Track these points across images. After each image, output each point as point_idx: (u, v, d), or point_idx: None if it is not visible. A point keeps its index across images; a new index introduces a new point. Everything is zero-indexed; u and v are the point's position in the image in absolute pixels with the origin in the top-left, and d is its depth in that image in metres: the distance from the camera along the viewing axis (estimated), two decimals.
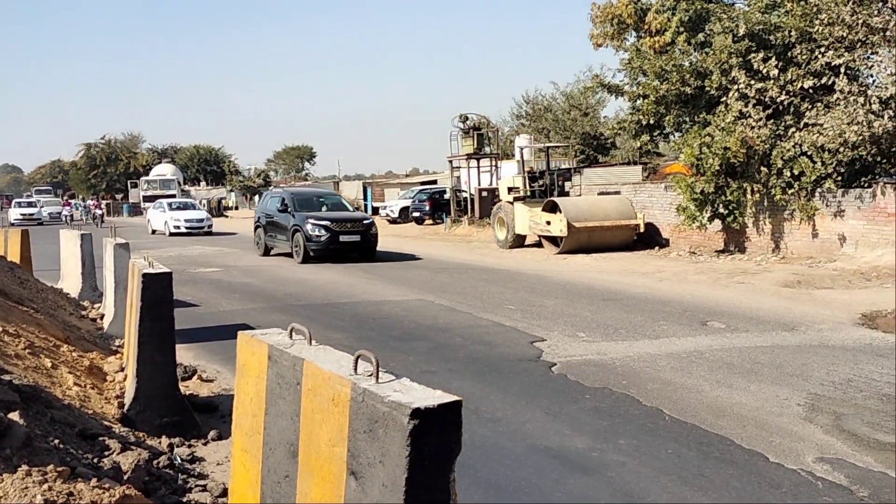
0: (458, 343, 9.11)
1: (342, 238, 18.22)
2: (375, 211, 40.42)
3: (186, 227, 32.32)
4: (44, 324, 8.25)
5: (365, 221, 19.21)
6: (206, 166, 71.06)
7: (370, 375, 2.54)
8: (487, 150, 29.95)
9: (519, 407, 6.55)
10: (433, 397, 2.29)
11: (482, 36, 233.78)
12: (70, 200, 56.73)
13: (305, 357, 2.85)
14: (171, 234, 31.80)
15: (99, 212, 44.28)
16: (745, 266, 15.95)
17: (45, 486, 3.15)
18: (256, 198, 53.06)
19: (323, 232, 18.11)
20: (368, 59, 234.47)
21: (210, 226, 33.22)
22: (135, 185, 55.77)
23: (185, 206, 35.49)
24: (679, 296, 12.60)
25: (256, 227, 21.44)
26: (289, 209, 19.28)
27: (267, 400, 3.07)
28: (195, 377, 7.54)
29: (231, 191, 59.50)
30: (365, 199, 44.79)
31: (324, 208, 19.81)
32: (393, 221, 34.32)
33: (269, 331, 3.43)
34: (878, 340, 8.90)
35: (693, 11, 19.52)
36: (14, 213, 46.00)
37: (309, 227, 18.18)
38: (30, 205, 50.23)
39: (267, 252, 20.60)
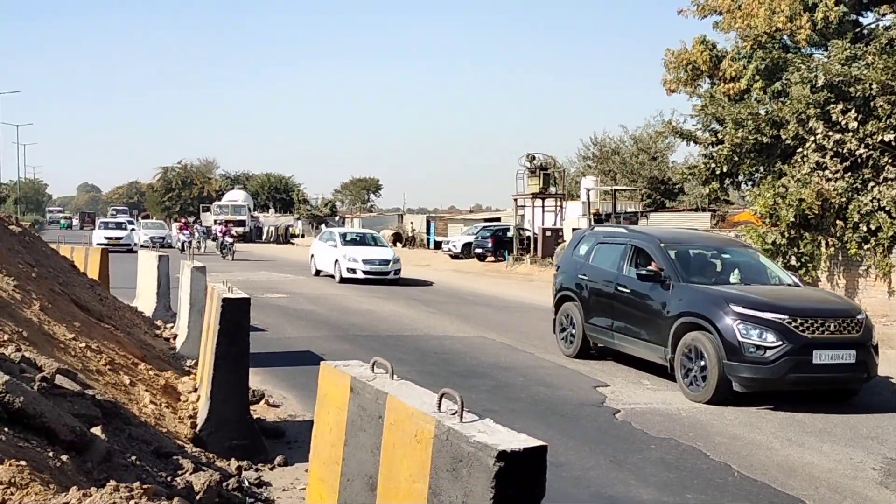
0: (519, 383, 9.07)
1: (818, 358, 7.93)
2: (438, 245, 40.64)
3: (365, 273, 21.39)
4: (122, 341, 8.55)
5: (858, 317, 8.34)
6: (276, 194, 72.83)
7: (454, 414, 2.57)
8: (553, 189, 29.93)
9: (583, 453, 6.47)
10: (518, 440, 2.31)
11: (552, 76, 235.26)
12: (187, 222, 41.97)
13: (389, 391, 2.90)
14: (343, 281, 21.52)
15: (229, 239, 32.38)
16: None
17: (132, 503, 3.26)
18: (323, 226, 54.18)
19: (776, 342, 7.90)
20: (437, 93, 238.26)
21: (398, 270, 22.13)
22: (207, 209, 57.44)
23: (362, 240, 23.52)
24: None
25: (561, 294, 11.05)
26: (661, 274, 9.15)
27: (347, 431, 3.12)
28: (262, 402, 7.66)
29: (298, 219, 60.76)
30: (428, 232, 45.11)
31: (732, 277, 9.39)
32: (455, 257, 34.45)
33: (351, 363, 3.50)
34: None
35: (770, 60, 19.27)
36: (98, 236, 35.79)
37: (742, 329, 8.03)
38: (118, 226, 40.07)
39: (587, 350, 10.65)
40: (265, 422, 6.95)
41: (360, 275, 21.53)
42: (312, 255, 24.76)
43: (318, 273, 23.90)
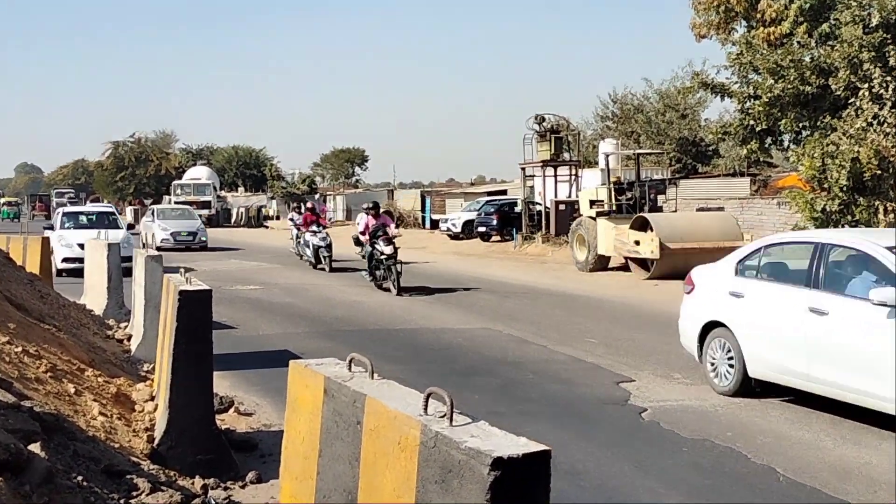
0: (530, 380, 9.10)
1: None
2: (435, 224, 40.59)
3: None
4: (66, 344, 8.55)
5: None
6: (246, 170, 72.73)
7: (443, 417, 2.56)
8: (566, 156, 29.86)
9: (603, 459, 6.49)
10: (517, 445, 2.30)
11: (564, 23, 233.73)
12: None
13: (368, 393, 2.89)
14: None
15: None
16: None
17: None
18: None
19: None
20: (430, 48, 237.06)
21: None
22: (167, 191, 57.41)
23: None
24: None
25: None
26: None
27: (322, 440, 3.11)
28: (232, 410, 7.68)
29: (272, 198, 60.73)
30: (423, 210, 45.06)
31: None
32: (455, 237, 34.41)
33: (325, 361, 3.49)
34: None
35: None
36: (62, 249, 20.52)
37: None
38: (95, 222, 22.70)
39: None
40: (235, 433, 6.97)
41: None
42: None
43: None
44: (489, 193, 44.26)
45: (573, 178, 28.92)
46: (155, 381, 7.84)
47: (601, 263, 21.79)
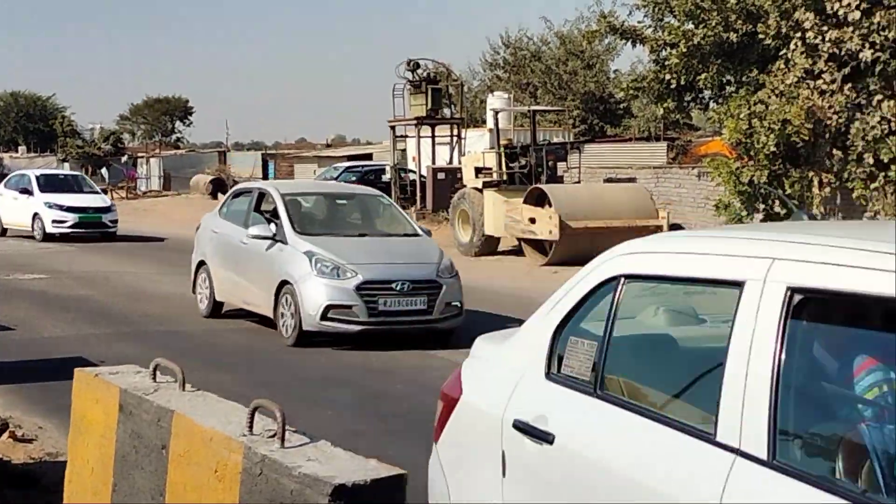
0: (399, 392, 9.18)
1: None
2: None
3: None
4: None
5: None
6: (29, 123, 70.05)
7: (273, 437, 2.54)
8: (447, 112, 30.04)
9: None
10: (366, 469, 2.31)
11: None
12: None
13: (176, 408, 2.84)
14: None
15: None
16: None
17: None
18: (104, 171, 52.34)
19: None
20: None
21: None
22: None
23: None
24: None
25: None
26: None
27: (116, 470, 3.05)
28: (6, 435, 7.47)
29: (65, 160, 58.68)
30: (265, 177, 44.62)
31: None
32: None
33: (122, 368, 3.41)
34: None
35: None
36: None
37: None
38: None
39: None
40: (10, 464, 6.79)
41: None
42: None
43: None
44: (350, 158, 44.26)
45: (455, 139, 29.14)
46: None
47: (489, 246, 22.06)
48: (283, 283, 11.56)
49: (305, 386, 9.36)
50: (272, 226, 12.20)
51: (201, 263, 13.47)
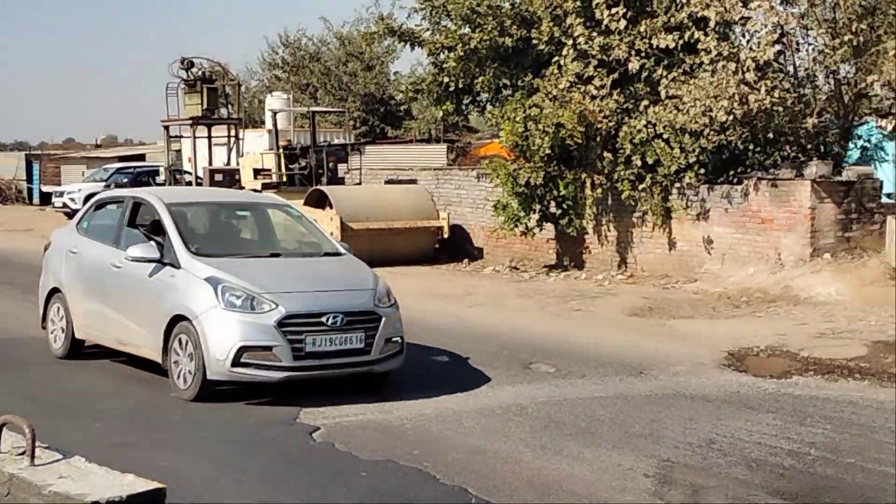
0: (170, 402, 8.98)
1: None
2: (47, 199, 38.80)
3: None
4: None
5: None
6: None
7: (22, 454, 2.39)
8: (224, 112, 29.54)
9: (263, 494, 6.51)
10: (121, 484, 2.19)
11: None
12: None
13: None
14: None
15: None
16: (583, 287, 16.91)
17: None
18: None
19: None
20: None
21: None
22: None
23: None
24: (496, 328, 13.13)
25: None
26: None
27: None
28: None
29: None
30: (29, 180, 42.80)
31: None
32: (73, 215, 32.84)
33: None
34: (747, 387, 9.77)
35: None
36: None
37: None
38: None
39: None
40: None
41: None
42: None
43: None
44: (121, 158, 43.08)
45: (233, 140, 28.67)
46: None
47: None
48: (177, 318, 9.21)
49: (71, 397, 9.12)
50: (154, 244, 9.80)
51: (54, 291, 11.12)
